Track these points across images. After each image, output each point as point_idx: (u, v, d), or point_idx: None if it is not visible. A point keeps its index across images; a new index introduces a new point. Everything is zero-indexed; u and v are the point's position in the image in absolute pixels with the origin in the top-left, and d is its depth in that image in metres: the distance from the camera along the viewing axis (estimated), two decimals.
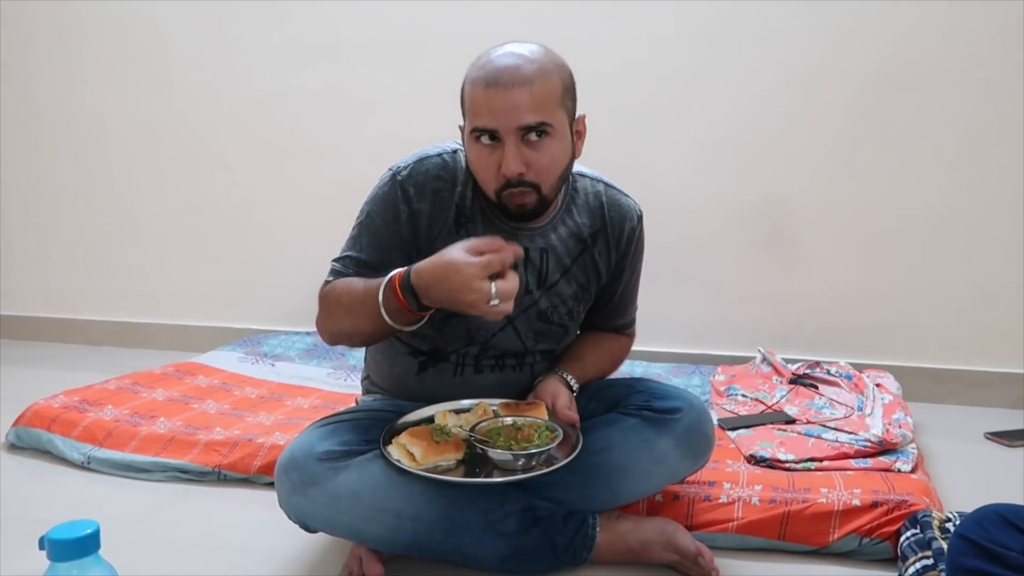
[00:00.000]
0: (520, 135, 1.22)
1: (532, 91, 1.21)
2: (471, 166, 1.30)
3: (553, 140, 1.25)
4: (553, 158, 1.26)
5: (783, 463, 1.67)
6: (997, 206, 2.33)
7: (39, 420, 1.92)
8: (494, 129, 1.22)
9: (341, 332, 1.32)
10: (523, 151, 1.22)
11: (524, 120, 1.21)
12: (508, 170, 1.22)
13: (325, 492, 1.25)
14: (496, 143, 1.23)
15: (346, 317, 1.28)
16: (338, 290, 1.31)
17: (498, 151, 1.23)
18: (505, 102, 1.20)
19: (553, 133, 1.24)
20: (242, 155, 2.87)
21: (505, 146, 1.22)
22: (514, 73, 1.21)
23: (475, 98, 1.23)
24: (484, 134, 1.23)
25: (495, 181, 1.26)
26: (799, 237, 2.50)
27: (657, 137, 2.54)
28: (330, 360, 2.50)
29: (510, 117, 1.20)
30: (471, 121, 1.24)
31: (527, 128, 1.21)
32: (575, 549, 1.34)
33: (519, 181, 1.24)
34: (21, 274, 3.15)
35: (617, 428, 1.37)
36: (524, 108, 1.20)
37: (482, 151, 1.25)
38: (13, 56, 2.99)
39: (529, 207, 1.27)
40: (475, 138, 1.25)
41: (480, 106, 1.22)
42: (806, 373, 2.23)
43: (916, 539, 1.33)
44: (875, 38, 2.36)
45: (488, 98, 1.21)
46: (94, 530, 0.91)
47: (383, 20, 2.66)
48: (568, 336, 1.50)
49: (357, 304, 1.24)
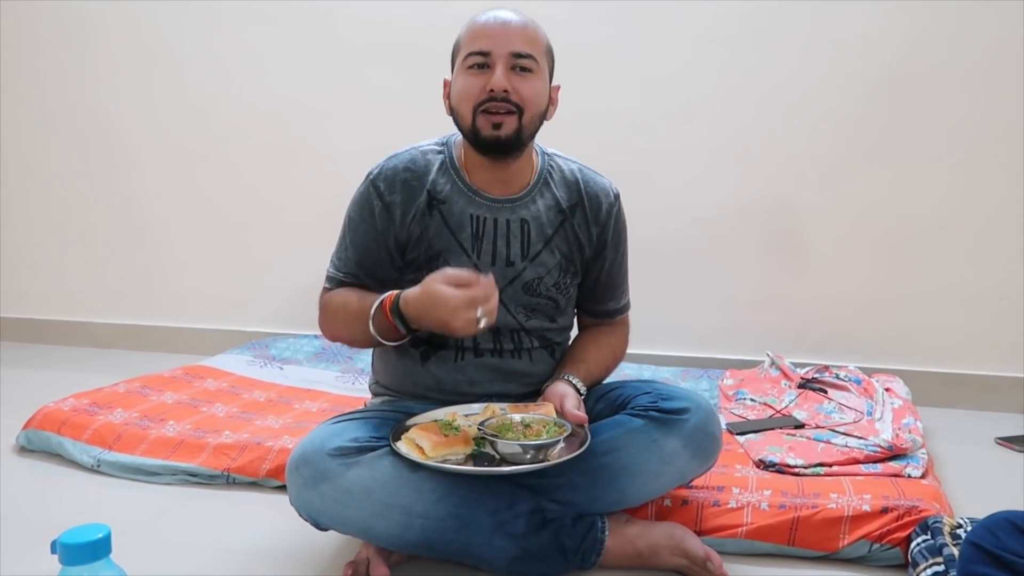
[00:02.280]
0: (510, 62, 1.34)
1: (525, 30, 1.37)
2: (455, 98, 1.39)
3: (536, 78, 1.37)
4: (536, 93, 1.37)
5: (792, 468, 1.66)
6: (1006, 209, 2.33)
7: (49, 423, 1.92)
8: (488, 51, 1.34)
9: (340, 339, 1.48)
10: (512, 76, 1.34)
11: (517, 47, 1.34)
12: (496, 84, 1.33)
13: (336, 488, 1.27)
14: (485, 70, 1.35)
15: (343, 330, 1.43)
16: (335, 304, 1.44)
17: (485, 75, 1.34)
18: (502, 30, 1.35)
19: (537, 72, 1.37)
20: (251, 158, 2.88)
21: (495, 69, 1.34)
22: (510, 15, 1.38)
23: (472, 30, 1.37)
24: (477, 57, 1.34)
25: (476, 97, 1.35)
26: (807, 241, 2.50)
27: (666, 141, 2.54)
28: (338, 363, 2.51)
29: (504, 42, 1.34)
30: (466, 48, 1.36)
31: (518, 55, 1.34)
32: (584, 552, 1.34)
33: (503, 98, 1.34)
34: (30, 277, 3.16)
35: (625, 429, 1.37)
36: (517, 38, 1.35)
37: (471, 76, 1.36)
38: (23, 59, 3.00)
39: (505, 132, 1.35)
40: (466, 67, 1.36)
41: (478, 33, 1.35)
42: (815, 377, 2.22)
43: (927, 545, 1.32)
44: (882, 43, 2.36)
45: (486, 27, 1.35)
46: (105, 534, 0.92)
47: (392, 24, 2.67)
48: (559, 312, 1.51)
49: (352, 320, 1.38)
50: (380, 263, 1.44)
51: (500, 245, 1.43)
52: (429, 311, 1.24)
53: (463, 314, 1.20)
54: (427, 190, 1.42)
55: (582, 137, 2.10)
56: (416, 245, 1.43)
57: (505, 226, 1.43)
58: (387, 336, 1.34)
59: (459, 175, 1.44)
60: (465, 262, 1.42)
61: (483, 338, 1.45)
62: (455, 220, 1.42)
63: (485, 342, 1.46)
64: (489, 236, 1.43)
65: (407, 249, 1.43)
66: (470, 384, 1.47)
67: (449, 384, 1.47)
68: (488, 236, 1.43)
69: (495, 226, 1.43)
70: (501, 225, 1.43)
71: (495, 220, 1.43)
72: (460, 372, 1.46)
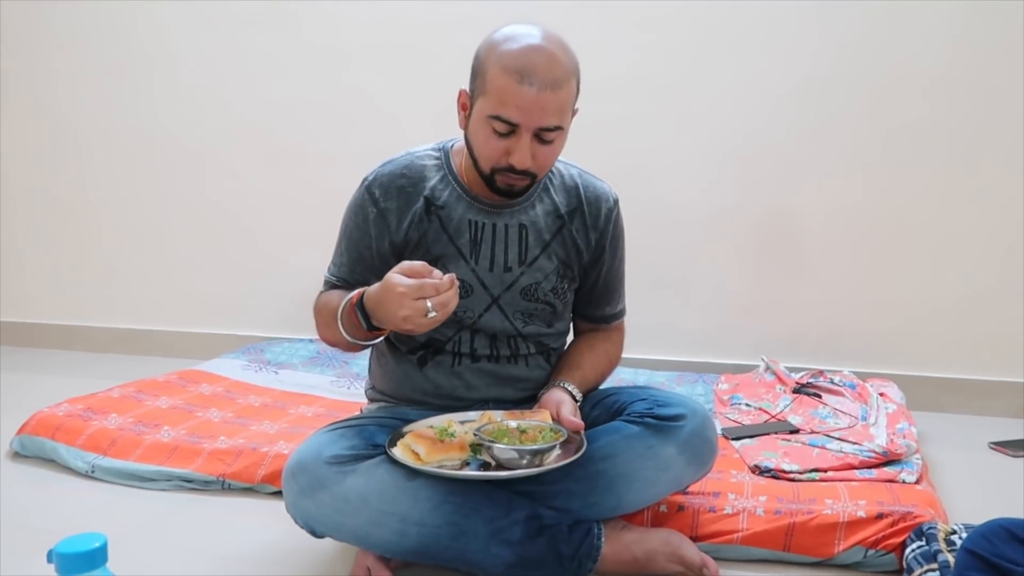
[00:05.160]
0: (536, 132, 1.29)
1: (558, 96, 1.28)
2: (474, 141, 1.35)
3: (560, 139, 1.34)
4: (555, 154, 1.36)
5: (787, 473, 1.67)
6: (1002, 215, 2.34)
7: (43, 428, 1.91)
8: (517, 124, 1.28)
9: (327, 340, 1.44)
10: (534, 146, 1.31)
11: (547, 122, 1.29)
12: (519, 163, 1.30)
13: (333, 495, 1.27)
14: (510, 134, 1.30)
15: (326, 329, 1.40)
16: (320, 304, 1.44)
17: (509, 140, 1.30)
18: (535, 103, 1.26)
19: (562, 133, 1.34)
20: (247, 163, 2.87)
21: (520, 139, 1.29)
22: (546, 74, 1.26)
23: (505, 89, 1.27)
24: (504, 124, 1.29)
25: (496, 162, 1.33)
26: (803, 245, 2.50)
27: (662, 145, 2.54)
28: (333, 368, 2.50)
29: (535, 118, 1.28)
30: (496, 108, 1.29)
31: (546, 129, 1.29)
32: (580, 559, 1.33)
33: (521, 171, 1.32)
34: (25, 280, 3.15)
35: (621, 436, 1.38)
36: (549, 112, 1.28)
37: (492, 135, 1.31)
38: (18, 61, 2.99)
39: (517, 190, 1.37)
40: (491, 124, 1.30)
41: (509, 99, 1.27)
42: (810, 382, 2.22)
43: (922, 551, 1.33)
44: (880, 48, 2.37)
45: (519, 94, 1.26)
46: (102, 543, 0.91)
47: (390, 28, 2.67)
48: (556, 317, 1.51)
49: (331, 319, 1.35)
50: (373, 268, 1.43)
51: (498, 250, 1.43)
52: (380, 300, 1.22)
53: (409, 302, 1.17)
54: (424, 195, 1.42)
55: (578, 140, 2.09)
56: (414, 250, 1.43)
57: (503, 231, 1.44)
58: (353, 333, 1.32)
59: (457, 181, 1.44)
60: (463, 267, 1.42)
61: (480, 343, 1.46)
62: (454, 225, 1.42)
63: (482, 348, 1.46)
64: (487, 241, 1.43)
65: (404, 254, 1.43)
66: (467, 389, 1.47)
67: (446, 389, 1.47)
68: (486, 241, 1.43)
69: (493, 231, 1.43)
70: (499, 230, 1.43)
71: (493, 225, 1.43)
72: (457, 377, 1.47)
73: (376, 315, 1.25)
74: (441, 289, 1.19)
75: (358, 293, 1.29)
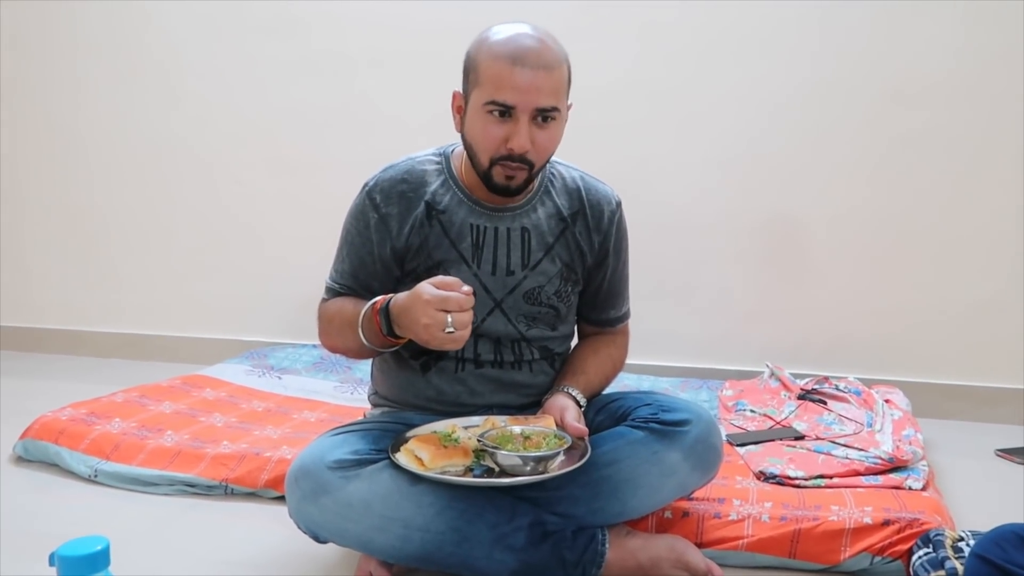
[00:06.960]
0: (533, 115, 1.29)
1: (552, 76, 1.29)
2: (472, 135, 1.35)
3: (557, 124, 1.34)
4: (553, 141, 1.35)
5: (793, 480, 1.66)
6: (1006, 222, 2.33)
7: (46, 433, 1.91)
8: (513, 106, 1.28)
9: (337, 348, 1.46)
10: (532, 130, 1.30)
11: (543, 103, 1.29)
12: (519, 146, 1.30)
13: (336, 501, 1.27)
14: (507, 118, 1.30)
15: (338, 337, 1.41)
16: (331, 311, 1.44)
17: (507, 125, 1.30)
18: (530, 82, 1.27)
19: (558, 118, 1.33)
20: (251, 169, 2.87)
21: (519, 123, 1.29)
22: (538, 56, 1.28)
23: (499, 72, 1.28)
24: (499, 108, 1.29)
25: (495, 150, 1.32)
26: (807, 252, 2.50)
27: (664, 151, 2.54)
28: (337, 373, 2.50)
29: (531, 97, 1.28)
30: (491, 94, 1.29)
31: (542, 110, 1.29)
32: (585, 565, 1.33)
33: (520, 157, 1.31)
34: (28, 285, 3.15)
35: (625, 441, 1.37)
36: (545, 91, 1.29)
37: (490, 122, 1.31)
38: (22, 68, 3.00)
39: (516, 183, 1.35)
40: (487, 111, 1.30)
41: (504, 82, 1.28)
42: (815, 388, 2.22)
43: (929, 558, 1.32)
44: (883, 55, 2.37)
45: (513, 75, 1.27)
46: (104, 547, 0.91)
47: (393, 36, 2.68)
48: (560, 321, 1.50)
49: (345, 326, 1.36)
50: (375, 274, 1.43)
51: (500, 254, 1.43)
52: (407, 307, 1.23)
53: (432, 312, 1.19)
54: (425, 201, 1.42)
55: (581, 145, 2.09)
56: (415, 256, 1.42)
57: (505, 235, 1.43)
58: (371, 338, 1.32)
59: (458, 185, 1.44)
60: (465, 272, 1.41)
61: (484, 348, 1.45)
62: (455, 230, 1.42)
63: (486, 353, 1.45)
64: (489, 245, 1.43)
65: (406, 260, 1.43)
66: (470, 395, 1.47)
67: (450, 395, 1.46)
68: (488, 245, 1.43)
69: (495, 235, 1.43)
70: (501, 234, 1.43)
71: (495, 229, 1.43)
72: (460, 383, 1.46)
73: (400, 321, 1.26)
74: (464, 305, 1.20)
75: (383, 299, 1.30)
